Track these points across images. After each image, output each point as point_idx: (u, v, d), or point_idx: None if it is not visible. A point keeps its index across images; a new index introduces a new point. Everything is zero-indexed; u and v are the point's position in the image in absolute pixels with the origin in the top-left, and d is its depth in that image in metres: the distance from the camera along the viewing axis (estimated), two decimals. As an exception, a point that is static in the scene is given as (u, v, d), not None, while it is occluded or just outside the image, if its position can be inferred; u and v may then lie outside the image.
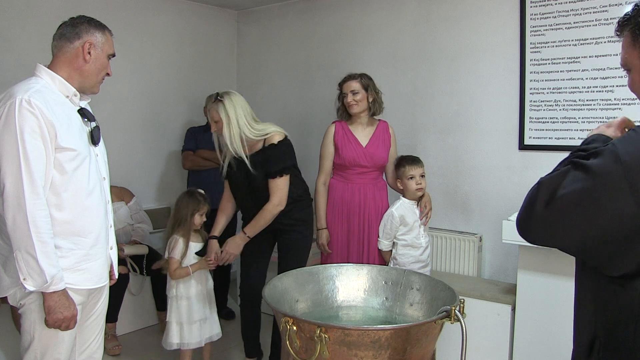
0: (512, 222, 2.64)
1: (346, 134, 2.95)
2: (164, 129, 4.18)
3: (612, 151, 1.04)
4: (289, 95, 4.32)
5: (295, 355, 1.70)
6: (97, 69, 1.83)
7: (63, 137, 1.70)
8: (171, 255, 2.78)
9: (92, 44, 1.79)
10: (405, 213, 2.81)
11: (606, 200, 1.02)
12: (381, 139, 2.96)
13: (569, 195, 1.05)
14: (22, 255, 1.62)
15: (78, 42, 1.78)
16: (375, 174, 2.96)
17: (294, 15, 4.26)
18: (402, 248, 2.82)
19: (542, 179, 1.15)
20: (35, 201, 1.63)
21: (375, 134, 2.96)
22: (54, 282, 1.65)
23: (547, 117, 3.07)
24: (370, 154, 2.91)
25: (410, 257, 2.80)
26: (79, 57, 1.79)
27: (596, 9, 2.86)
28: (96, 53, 1.81)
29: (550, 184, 1.10)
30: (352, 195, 2.92)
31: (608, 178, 1.02)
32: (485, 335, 2.87)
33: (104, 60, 1.84)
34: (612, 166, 1.02)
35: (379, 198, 2.94)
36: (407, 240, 2.81)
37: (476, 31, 3.30)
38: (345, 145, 2.93)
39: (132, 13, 3.90)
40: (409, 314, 2.08)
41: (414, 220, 2.81)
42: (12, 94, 1.66)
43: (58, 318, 1.69)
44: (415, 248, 2.80)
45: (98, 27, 1.83)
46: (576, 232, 1.06)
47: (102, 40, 1.82)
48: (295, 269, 2.21)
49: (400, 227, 2.81)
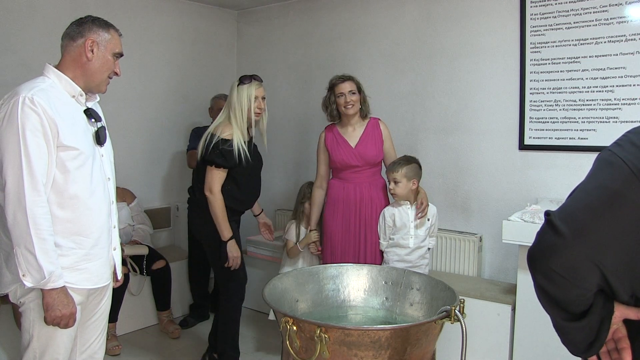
0: (512, 222, 2.64)
1: (335, 137, 3.00)
2: (164, 128, 4.18)
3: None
4: (289, 95, 4.32)
5: (295, 355, 1.70)
6: (101, 68, 1.82)
7: (66, 135, 1.70)
8: (286, 237, 3.29)
9: (95, 42, 1.79)
10: (395, 212, 2.83)
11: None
12: (371, 137, 2.98)
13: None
14: (21, 251, 1.64)
15: (81, 41, 1.79)
16: (370, 172, 2.97)
17: (294, 15, 4.26)
18: (389, 246, 2.85)
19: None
20: (35, 198, 1.63)
21: (365, 132, 2.98)
22: (52, 279, 1.66)
23: (547, 117, 3.07)
24: (359, 153, 2.93)
25: (395, 255, 2.81)
26: (82, 56, 1.79)
27: (596, 9, 2.86)
28: (99, 51, 1.80)
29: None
30: (348, 194, 2.95)
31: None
32: (485, 335, 2.87)
33: (109, 59, 1.84)
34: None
35: (376, 197, 2.95)
36: (393, 239, 2.83)
37: (476, 31, 3.30)
38: (334, 148, 2.98)
39: (132, 13, 3.90)
40: (409, 314, 2.08)
41: (405, 220, 2.81)
42: (17, 92, 1.67)
43: (56, 315, 1.69)
44: (401, 248, 2.80)
45: (103, 25, 1.83)
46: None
47: (107, 39, 1.82)
48: (295, 269, 2.21)
49: (392, 227, 2.84)
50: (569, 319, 1.00)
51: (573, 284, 0.95)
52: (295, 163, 4.32)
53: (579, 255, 0.93)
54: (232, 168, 2.72)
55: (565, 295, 0.97)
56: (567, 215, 0.96)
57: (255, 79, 2.77)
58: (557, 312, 1.01)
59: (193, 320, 3.84)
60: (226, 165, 2.70)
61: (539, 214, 2.60)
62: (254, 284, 3.91)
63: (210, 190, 2.71)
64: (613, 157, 0.96)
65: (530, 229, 2.56)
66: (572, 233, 0.93)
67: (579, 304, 0.98)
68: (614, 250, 0.92)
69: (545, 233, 0.99)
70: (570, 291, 0.96)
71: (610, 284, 0.95)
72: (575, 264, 0.94)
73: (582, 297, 0.97)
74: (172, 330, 3.61)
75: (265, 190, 3.73)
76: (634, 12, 2.76)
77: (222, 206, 2.71)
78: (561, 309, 1.00)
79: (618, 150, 0.96)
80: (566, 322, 1.01)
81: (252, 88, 2.73)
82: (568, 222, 0.94)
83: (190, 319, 3.84)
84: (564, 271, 0.95)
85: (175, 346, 3.48)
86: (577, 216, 0.94)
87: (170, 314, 3.72)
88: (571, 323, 1.00)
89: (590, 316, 0.98)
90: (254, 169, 2.89)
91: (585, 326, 0.99)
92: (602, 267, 0.93)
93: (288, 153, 4.35)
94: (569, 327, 1.01)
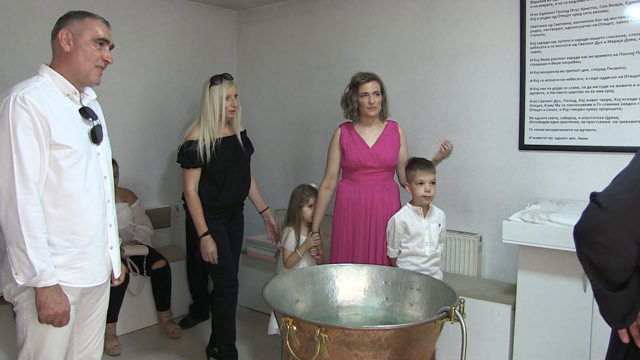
0: (512, 222, 2.64)
1: (352, 135, 2.90)
2: (163, 128, 4.18)
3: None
4: (289, 95, 4.32)
5: (295, 355, 1.70)
6: (82, 57, 1.79)
7: (58, 133, 1.70)
8: (284, 246, 3.08)
9: (68, 32, 1.78)
10: (407, 220, 2.73)
11: None
12: (389, 139, 2.91)
13: None
14: (13, 249, 1.64)
15: (58, 35, 1.79)
16: (383, 175, 2.89)
17: (294, 15, 4.26)
18: (404, 256, 2.75)
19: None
20: (26, 196, 1.64)
21: (383, 134, 2.91)
22: (44, 277, 1.66)
23: (547, 117, 3.07)
24: (376, 154, 2.85)
25: (412, 265, 2.71)
26: (62, 50, 1.79)
27: (596, 9, 2.86)
28: (76, 41, 1.78)
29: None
30: (359, 197, 2.86)
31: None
32: (485, 335, 2.86)
33: (89, 47, 1.80)
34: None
35: (389, 201, 2.86)
36: (409, 248, 2.73)
37: (476, 31, 3.30)
38: (350, 147, 2.89)
39: (132, 13, 3.90)
40: (409, 314, 2.08)
41: (418, 227, 2.72)
42: (9, 92, 1.68)
43: (49, 314, 1.69)
44: (418, 257, 2.72)
45: (78, 15, 1.81)
46: None
47: (80, 27, 1.79)
48: (295, 270, 2.21)
49: (404, 235, 2.74)
50: (609, 289, 1.16)
51: (615, 253, 1.11)
52: (295, 163, 4.32)
53: (621, 230, 1.09)
54: (200, 167, 2.85)
55: (608, 263, 1.12)
56: (612, 196, 1.12)
57: (226, 78, 2.89)
58: (599, 281, 1.17)
59: (193, 320, 3.84)
60: (192, 165, 2.84)
61: (539, 214, 2.60)
62: (254, 284, 3.91)
63: (185, 189, 2.89)
64: None
65: (531, 229, 2.56)
66: (616, 211, 1.09)
67: (619, 274, 1.13)
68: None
69: (593, 210, 1.14)
70: (612, 260, 1.12)
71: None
72: (618, 237, 1.09)
73: (622, 267, 1.12)
74: (172, 330, 3.61)
75: (265, 190, 3.74)
76: (634, 12, 2.76)
77: (195, 204, 2.87)
78: (603, 278, 1.15)
79: None
80: (607, 291, 1.17)
81: (224, 87, 2.86)
82: (613, 201, 1.10)
83: (190, 319, 3.84)
84: (608, 243, 1.11)
85: (175, 346, 3.48)
86: (621, 197, 1.11)
87: (170, 314, 3.72)
88: (611, 292, 1.16)
89: (629, 289, 1.14)
90: (231, 166, 2.93)
91: (623, 297, 1.14)
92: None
93: (288, 153, 4.35)
94: (609, 297, 1.17)
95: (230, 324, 3.01)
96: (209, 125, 2.84)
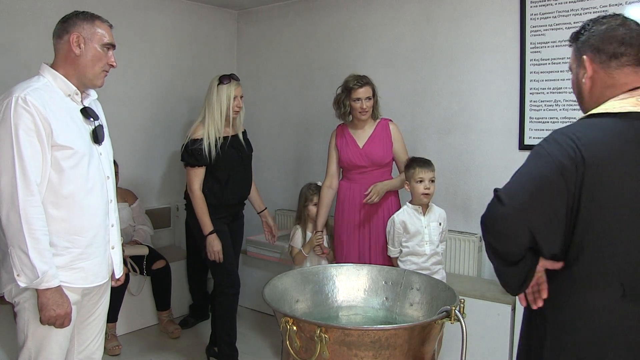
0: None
1: (345, 136, 2.99)
2: (163, 128, 4.18)
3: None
4: (289, 95, 4.32)
5: (295, 355, 1.70)
6: (91, 61, 1.80)
7: (59, 134, 1.70)
8: (292, 244, 3.20)
9: (80, 36, 1.77)
10: (406, 219, 2.75)
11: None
12: (379, 138, 2.96)
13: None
14: (15, 251, 1.64)
15: (66, 37, 1.78)
16: (377, 173, 2.94)
17: (294, 15, 4.26)
18: (405, 255, 2.77)
19: None
20: (28, 198, 1.63)
21: (373, 133, 2.97)
22: (46, 279, 1.66)
23: (547, 117, 3.07)
24: (366, 153, 2.92)
25: (412, 264, 2.72)
26: (70, 52, 1.78)
27: (596, 9, 2.86)
28: (87, 45, 1.78)
29: None
30: (355, 196, 2.93)
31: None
32: (485, 335, 2.86)
33: (98, 51, 1.81)
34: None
35: (384, 198, 2.90)
36: (409, 248, 2.74)
37: (476, 31, 3.30)
38: (343, 147, 2.98)
39: (132, 13, 3.90)
40: (409, 314, 2.08)
41: (417, 226, 2.74)
42: (11, 92, 1.67)
43: (51, 315, 1.69)
44: (418, 256, 2.73)
45: (87, 18, 1.80)
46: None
47: (92, 31, 1.79)
48: (295, 270, 2.21)
49: (403, 234, 2.76)
50: (507, 265, 1.38)
51: (512, 240, 1.32)
52: (295, 163, 4.32)
53: (517, 222, 1.29)
54: (205, 166, 2.84)
55: (507, 248, 1.34)
56: (509, 193, 1.32)
57: (234, 79, 2.89)
58: (499, 261, 1.39)
59: (193, 320, 3.84)
60: (197, 164, 2.83)
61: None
62: (254, 284, 3.91)
63: (190, 189, 2.87)
64: (542, 151, 1.31)
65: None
66: (513, 206, 1.29)
67: (515, 255, 1.35)
68: (542, 219, 1.28)
69: (494, 205, 1.34)
70: (510, 246, 1.33)
71: (537, 243, 1.31)
72: (515, 227, 1.30)
73: (517, 251, 1.34)
74: (172, 330, 3.61)
75: (265, 190, 3.74)
76: (634, 12, 2.75)
77: (200, 203, 2.85)
78: (503, 258, 1.38)
79: (546, 146, 1.31)
80: (505, 267, 1.39)
81: (232, 87, 2.86)
82: (510, 197, 1.30)
83: (190, 319, 3.84)
84: (507, 232, 1.31)
85: (175, 346, 3.48)
86: (517, 194, 1.30)
87: (170, 314, 3.72)
88: (509, 268, 1.38)
89: (522, 264, 1.36)
90: (235, 166, 2.93)
91: (518, 271, 1.37)
92: (533, 230, 1.29)
93: (288, 153, 4.35)
94: (508, 271, 1.39)
95: (231, 324, 3.01)
96: (215, 123, 2.83)
